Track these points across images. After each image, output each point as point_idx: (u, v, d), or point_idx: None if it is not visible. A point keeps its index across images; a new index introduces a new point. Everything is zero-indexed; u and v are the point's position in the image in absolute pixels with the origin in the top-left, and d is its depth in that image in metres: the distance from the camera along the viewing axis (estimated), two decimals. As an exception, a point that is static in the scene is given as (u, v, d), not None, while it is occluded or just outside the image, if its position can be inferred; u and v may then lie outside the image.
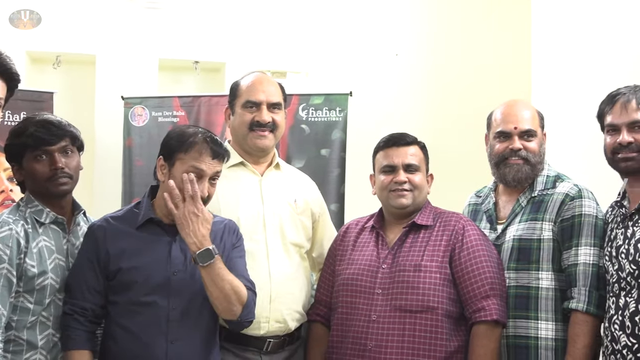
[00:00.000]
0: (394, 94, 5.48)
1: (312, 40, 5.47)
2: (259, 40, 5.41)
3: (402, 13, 5.61)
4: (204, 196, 3.06)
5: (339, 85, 5.04)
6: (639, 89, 3.17)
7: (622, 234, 3.14)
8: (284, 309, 3.44)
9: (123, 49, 5.28)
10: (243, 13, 5.41)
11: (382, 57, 5.55)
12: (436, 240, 3.35)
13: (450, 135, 4.26)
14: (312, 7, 5.48)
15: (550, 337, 3.28)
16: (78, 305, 3.04)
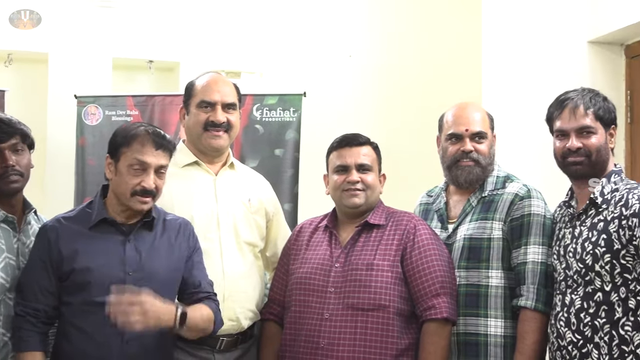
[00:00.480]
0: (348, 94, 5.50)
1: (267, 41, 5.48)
2: (213, 40, 5.41)
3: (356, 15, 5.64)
4: (150, 188, 3.06)
5: (293, 86, 5.05)
6: (587, 92, 3.22)
7: (570, 233, 3.20)
8: (237, 308, 3.46)
9: (76, 48, 5.24)
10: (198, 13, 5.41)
11: (336, 58, 5.57)
12: (388, 240, 3.38)
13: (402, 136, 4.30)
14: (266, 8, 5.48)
15: (499, 334, 3.31)
16: (30, 307, 3.03)
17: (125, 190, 3.07)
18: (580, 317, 3.06)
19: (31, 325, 3.02)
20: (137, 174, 3.06)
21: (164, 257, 3.18)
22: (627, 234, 2.96)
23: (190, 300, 3.21)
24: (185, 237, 3.28)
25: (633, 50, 4.59)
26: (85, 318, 3.04)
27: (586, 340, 3.04)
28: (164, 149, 3.12)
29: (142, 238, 3.16)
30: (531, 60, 4.69)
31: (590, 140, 3.14)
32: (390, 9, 5.64)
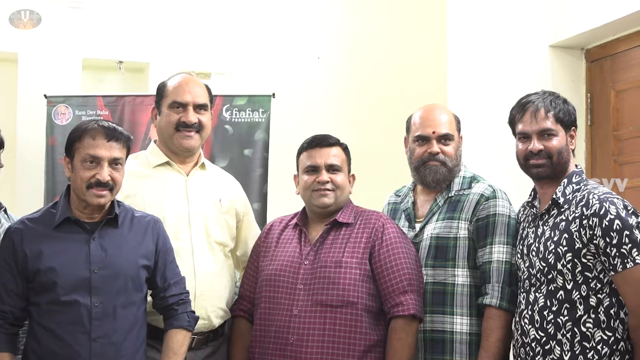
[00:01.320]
0: (316, 96, 5.51)
1: (236, 42, 5.48)
2: (183, 41, 5.41)
3: (324, 18, 5.65)
4: (104, 180, 3.05)
5: (262, 87, 5.06)
6: (547, 95, 3.26)
7: (533, 232, 3.24)
8: (208, 306, 3.47)
9: (46, 48, 5.21)
10: (168, 13, 5.40)
11: (305, 60, 5.58)
12: (357, 238, 3.40)
13: (370, 137, 4.33)
14: (236, 10, 5.49)
15: (465, 332, 3.35)
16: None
17: (80, 185, 3.06)
18: (544, 314, 3.09)
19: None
20: (90, 167, 3.05)
21: (131, 254, 3.16)
22: (588, 234, 3.00)
23: (162, 305, 3.25)
24: (154, 235, 3.26)
25: (593, 54, 4.65)
26: (53, 318, 3.02)
27: (549, 337, 3.07)
28: (116, 140, 3.10)
29: (107, 235, 3.13)
30: (494, 63, 4.73)
31: (552, 143, 3.18)
32: (358, 13, 5.67)
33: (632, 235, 2.94)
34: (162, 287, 3.23)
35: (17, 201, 4.65)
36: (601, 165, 4.51)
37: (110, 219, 3.16)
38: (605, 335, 3.00)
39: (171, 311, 3.24)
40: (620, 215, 2.97)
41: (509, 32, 4.71)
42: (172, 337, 3.21)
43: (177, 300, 3.25)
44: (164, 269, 3.25)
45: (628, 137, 4.39)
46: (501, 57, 4.71)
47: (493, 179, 3.56)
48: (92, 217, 3.14)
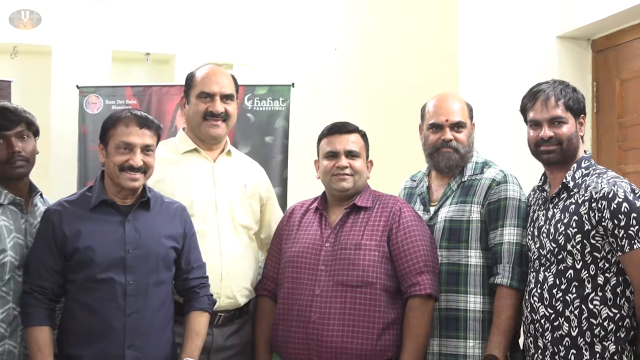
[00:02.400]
0: (333, 85, 5.50)
1: (257, 34, 5.48)
2: (207, 34, 5.40)
3: (341, 10, 5.64)
4: (137, 165, 3.08)
5: (282, 77, 5.05)
6: (557, 84, 3.24)
7: (544, 215, 3.22)
8: (233, 286, 3.47)
9: (78, 41, 5.22)
10: (192, 7, 5.40)
11: (322, 51, 5.57)
12: (375, 221, 3.39)
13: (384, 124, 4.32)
14: (257, 3, 5.48)
15: (478, 310, 3.34)
16: (36, 284, 3.03)
17: (114, 170, 3.09)
18: (553, 292, 3.09)
19: (38, 302, 3.02)
20: (124, 153, 3.08)
21: (162, 236, 3.19)
22: (597, 216, 2.99)
23: (184, 286, 3.28)
24: (182, 221, 3.29)
25: (599, 44, 4.62)
26: (89, 294, 3.05)
27: (558, 314, 3.07)
28: (148, 127, 3.14)
29: (140, 217, 3.17)
30: (504, 53, 4.71)
31: (562, 130, 3.17)
32: (372, 5, 5.65)
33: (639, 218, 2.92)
34: (186, 269, 3.26)
35: (51, 186, 4.66)
36: (606, 152, 4.49)
37: (142, 202, 3.19)
38: (611, 313, 2.99)
39: (193, 294, 3.27)
40: (628, 199, 2.96)
41: (518, 23, 4.69)
42: (195, 319, 3.24)
43: (198, 283, 3.28)
44: (188, 253, 3.28)
45: (632, 124, 4.37)
46: (511, 48, 4.69)
47: (504, 165, 3.55)
48: (126, 201, 3.17)
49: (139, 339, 3.07)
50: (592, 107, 4.55)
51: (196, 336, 3.21)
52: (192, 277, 3.27)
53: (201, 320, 3.25)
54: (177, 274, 3.26)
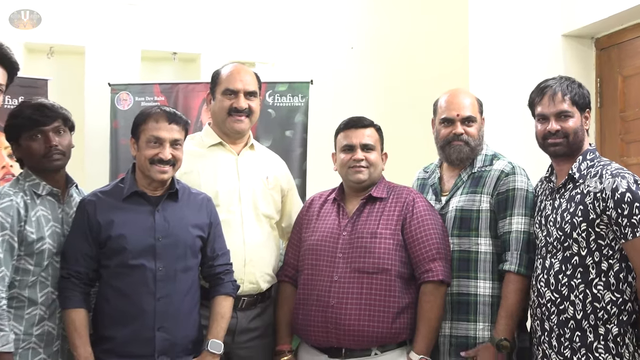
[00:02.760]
0: (350, 82, 5.49)
1: (278, 34, 5.48)
2: (230, 34, 5.40)
3: (357, 10, 5.62)
4: (166, 158, 3.11)
5: (301, 75, 5.04)
6: (564, 80, 3.23)
7: (551, 205, 3.21)
8: (256, 272, 3.48)
9: (109, 41, 5.23)
10: (217, 9, 5.40)
11: (339, 50, 5.56)
12: (390, 211, 3.39)
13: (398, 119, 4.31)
14: (278, 5, 5.47)
15: (487, 294, 3.33)
16: (73, 270, 3.06)
17: (145, 162, 3.12)
18: (559, 278, 3.09)
19: (74, 286, 3.05)
20: (154, 147, 3.11)
21: (189, 225, 3.22)
22: (601, 205, 2.98)
23: (209, 272, 3.30)
24: (207, 211, 3.31)
25: (602, 42, 4.60)
26: (122, 279, 3.08)
27: (563, 298, 3.06)
28: (177, 123, 3.17)
29: (168, 208, 3.20)
30: (513, 51, 4.69)
31: (568, 123, 3.16)
32: (386, 7, 5.63)
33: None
34: (211, 256, 3.28)
35: (85, 178, 4.67)
36: (609, 144, 4.47)
37: (171, 193, 3.22)
38: (614, 297, 2.99)
39: (218, 279, 3.29)
40: (631, 189, 2.95)
41: (525, 22, 4.67)
42: (220, 303, 3.27)
43: (223, 270, 3.30)
44: (213, 241, 3.30)
45: (634, 119, 4.35)
46: (518, 46, 4.67)
47: (512, 157, 3.53)
48: (155, 192, 3.20)
49: (168, 321, 3.09)
50: (595, 102, 4.53)
51: (221, 319, 3.23)
52: (217, 264, 3.29)
53: (225, 304, 3.26)
54: (203, 261, 3.27)
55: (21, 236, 3.03)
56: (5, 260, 2.97)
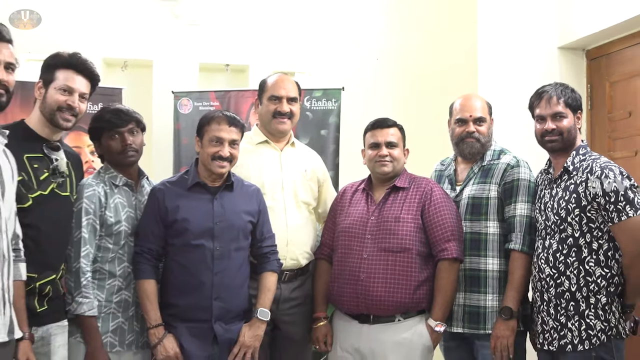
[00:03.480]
0: (376, 88, 5.47)
1: (314, 48, 5.47)
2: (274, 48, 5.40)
3: (381, 28, 5.60)
4: (225, 155, 3.13)
5: (334, 82, 5.03)
6: (558, 86, 3.23)
7: (549, 193, 3.20)
8: (296, 250, 3.50)
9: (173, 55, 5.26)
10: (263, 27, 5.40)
11: (367, 61, 5.53)
12: (411, 198, 3.38)
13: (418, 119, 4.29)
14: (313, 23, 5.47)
15: (495, 270, 3.32)
16: (145, 247, 3.11)
17: (207, 158, 3.14)
18: (556, 256, 3.09)
19: (146, 260, 3.10)
20: (216, 145, 3.13)
21: (242, 212, 3.24)
22: (592, 193, 2.98)
23: (258, 252, 3.32)
24: (257, 200, 3.33)
25: (592, 53, 4.54)
26: (185, 256, 3.12)
27: (560, 273, 3.07)
28: (235, 126, 3.19)
29: (225, 197, 3.22)
30: (516, 61, 4.66)
31: (562, 123, 3.16)
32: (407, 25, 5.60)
33: (626, 195, 2.92)
34: (260, 239, 3.30)
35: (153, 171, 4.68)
36: (599, 141, 4.43)
37: (227, 184, 3.24)
38: (603, 272, 3.00)
39: (265, 258, 3.31)
40: (617, 179, 2.95)
41: (527, 37, 4.64)
42: (267, 277, 3.29)
43: (269, 250, 3.32)
44: (262, 225, 3.32)
45: (619, 119, 4.31)
46: (521, 57, 4.63)
47: (517, 152, 3.51)
48: (214, 183, 3.22)
49: (223, 292, 3.13)
50: (586, 105, 4.48)
51: (268, 291, 3.26)
52: (265, 245, 3.31)
53: (272, 279, 3.29)
54: (253, 242, 3.29)
55: (102, 220, 3.09)
56: (89, 240, 3.04)
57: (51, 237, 2.96)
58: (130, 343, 3.14)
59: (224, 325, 3.13)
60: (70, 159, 3.12)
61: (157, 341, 3.04)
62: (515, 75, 4.57)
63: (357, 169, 3.81)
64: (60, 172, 3.03)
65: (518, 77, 4.53)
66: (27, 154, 2.92)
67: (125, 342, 3.12)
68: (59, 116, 2.98)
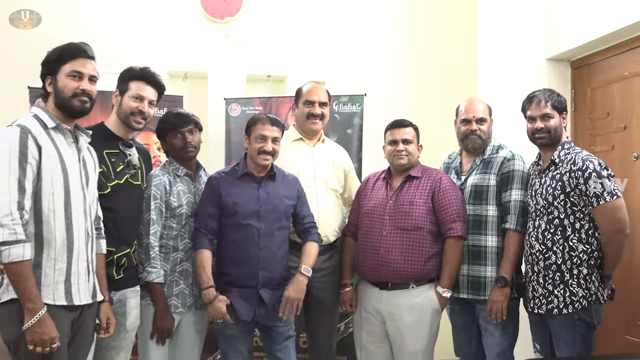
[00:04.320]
0: (393, 94, 5.43)
1: (341, 61, 5.44)
2: (308, 61, 5.38)
3: (398, 44, 5.55)
4: (269, 150, 3.15)
5: (358, 89, 5.00)
6: (546, 91, 3.21)
7: (539, 182, 3.19)
8: (326, 229, 3.51)
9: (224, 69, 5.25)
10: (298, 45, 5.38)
11: (385, 71, 5.48)
12: (423, 186, 3.37)
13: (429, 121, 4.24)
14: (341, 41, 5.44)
15: (494, 246, 3.31)
16: (203, 224, 3.13)
17: (254, 152, 3.16)
18: (544, 234, 3.08)
19: (204, 235, 3.12)
20: (260, 142, 3.14)
21: (283, 197, 3.24)
22: (575, 181, 2.98)
23: (300, 228, 3.33)
24: (296, 187, 3.34)
25: (576, 64, 4.46)
26: (235, 234, 3.14)
27: (548, 249, 3.07)
28: (277, 126, 3.20)
29: (269, 185, 3.23)
30: (511, 70, 4.60)
31: (550, 123, 3.15)
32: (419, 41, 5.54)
33: (604, 183, 2.92)
34: (301, 216, 3.32)
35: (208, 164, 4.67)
36: (581, 137, 4.36)
37: (271, 175, 3.25)
38: (585, 248, 2.99)
39: (307, 232, 3.31)
40: (597, 170, 2.95)
41: (521, 50, 4.58)
42: (310, 245, 3.29)
43: (310, 225, 3.33)
44: (301, 207, 3.32)
45: (599, 119, 4.24)
46: (515, 66, 4.58)
47: (512, 147, 3.49)
48: (260, 173, 3.23)
49: (267, 264, 3.15)
50: (571, 107, 4.40)
51: (310, 255, 3.25)
52: (306, 222, 3.32)
53: (313, 246, 3.29)
54: (296, 221, 3.31)
55: (167, 204, 3.12)
56: (157, 220, 3.08)
57: (126, 218, 3.01)
58: (190, 305, 3.18)
59: (268, 291, 3.15)
60: (141, 154, 3.17)
61: (209, 301, 3.07)
62: (511, 82, 4.52)
63: (377, 161, 3.82)
64: (133, 165, 3.07)
65: (513, 83, 4.48)
66: (106, 150, 2.98)
67: (187, 304, 3.16)
68: (132, 119, 3.02)
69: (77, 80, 2.58)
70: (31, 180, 2.40)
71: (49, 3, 4.90)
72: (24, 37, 4.74)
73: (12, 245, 2.31)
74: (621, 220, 2.91)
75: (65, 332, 2.48)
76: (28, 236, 2.38)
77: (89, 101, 2.61)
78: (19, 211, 2.34)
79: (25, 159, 2.38)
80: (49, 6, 4.88)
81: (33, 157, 2.41)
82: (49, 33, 4.76)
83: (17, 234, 2.32)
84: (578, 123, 4.41)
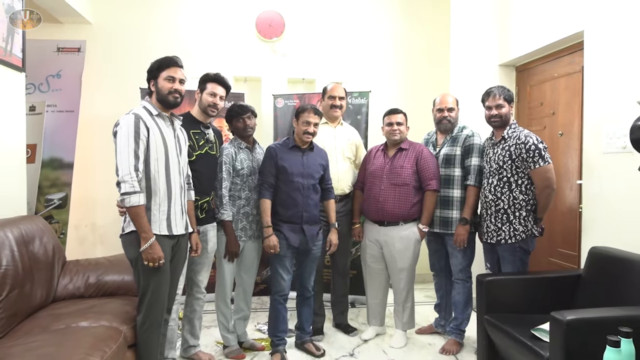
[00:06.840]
0: (391, 89, 5.31)
1: (354, 67, 5.32)
2: (331, 68, 5.27)
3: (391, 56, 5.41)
4: (311, 131, 3.08)
5: (366, 87, 4.91)
6: (500, 87, 3.10)
7: (492, 152, 3.14)
8: (343, 184, 3.50)
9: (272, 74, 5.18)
10: (324, 56, 5.27)
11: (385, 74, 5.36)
12: (410, 155, 3.33)
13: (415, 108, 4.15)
14: (353, 52, 5.31)
15: (459, 196, 3.28)
16: (265, 180, 3.10)
17: (301, 132, 3.11)
18: (496, 188, 3.03)
19: (265, 188, 3.09)
20: (306, 126, 3.08)
21: (317, 164, 3.19)
22: (518, 151, 2.91)
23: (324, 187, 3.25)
24: (325, 158, 3.28)
25: (519, 68, 4.29)
26: (287, 187, 3.10)
27: (497, 198, 3.02)
28: (318, 114, 3.13)
29: (309, 155, 3.18)
30: (473, 72, 4.44)
31: (502, 110, 3.07)
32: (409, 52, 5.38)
33: (540, 153, 2.84)
34: (325, 180, 3.26)
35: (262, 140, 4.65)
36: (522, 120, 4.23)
37: (310, 147, 3.20)
38: (525, 197, 2.94)
39: (327, 191, 3.28)
40: (535, 143, 2.89)
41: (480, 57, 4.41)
42: (331, 202, 3.28)
43: (329, 187, 3.29)
44: (326, 172, 3.26)
45: (535, 107, 4.11)
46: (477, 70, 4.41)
47: (474, 127, 3.41)
48: (303, 146, 3.17)
49: (307, 208, 3.13)
50: (515, 99, 4.27)
51: (332, 211, 3.27)
52: (327, 183, 3.27)
53: (332, 202, 3.27)
54: (321, 180, 3.25)
55: (233, 167, 3.11)
56: (227, 178, 3.08)
57: (206, 177, 3.02)
58: (250, 236, 3.20)
59: (308, 227, 3.14)
60: (215, 133, 3.16)
61: (267, 236, 3.07)
62: (473, 81, 4.38)
63: (378, 138, 3.76)
64: (210, 141, 3.07)
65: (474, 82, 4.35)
66: (192, 130, 2.97)
67: (248, 235, 3.18)
68: (209, 109, 3.01)
69: (171, 82, 2.57)
70: (142, 150, 2.42)
71: (155, 28, 4.86)
72: (135, 51, 4.74)
73: (131, 195, 2.35)
74: (550, 179, 2.85)
75: (167, 252, 2.53)
76: (142, 188, 2.41)
77: (179, 97, 2.61)
78: (135, 172, 2.38)
79: (138, 136, 2.41)
80: (155, 29, 4.85)
81: (143, 135, 2.43)
82: (155, 46, 4.75)
83: (134, 187, 2.36)
84: (520, 110, 4.28)
